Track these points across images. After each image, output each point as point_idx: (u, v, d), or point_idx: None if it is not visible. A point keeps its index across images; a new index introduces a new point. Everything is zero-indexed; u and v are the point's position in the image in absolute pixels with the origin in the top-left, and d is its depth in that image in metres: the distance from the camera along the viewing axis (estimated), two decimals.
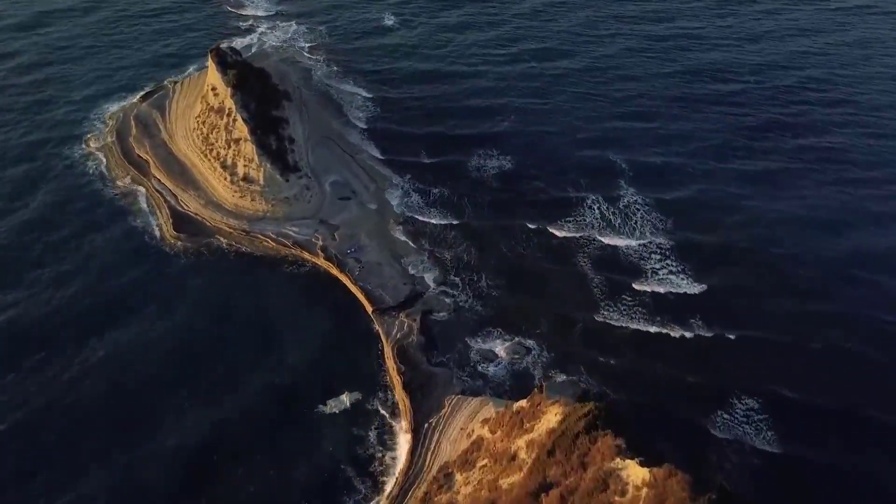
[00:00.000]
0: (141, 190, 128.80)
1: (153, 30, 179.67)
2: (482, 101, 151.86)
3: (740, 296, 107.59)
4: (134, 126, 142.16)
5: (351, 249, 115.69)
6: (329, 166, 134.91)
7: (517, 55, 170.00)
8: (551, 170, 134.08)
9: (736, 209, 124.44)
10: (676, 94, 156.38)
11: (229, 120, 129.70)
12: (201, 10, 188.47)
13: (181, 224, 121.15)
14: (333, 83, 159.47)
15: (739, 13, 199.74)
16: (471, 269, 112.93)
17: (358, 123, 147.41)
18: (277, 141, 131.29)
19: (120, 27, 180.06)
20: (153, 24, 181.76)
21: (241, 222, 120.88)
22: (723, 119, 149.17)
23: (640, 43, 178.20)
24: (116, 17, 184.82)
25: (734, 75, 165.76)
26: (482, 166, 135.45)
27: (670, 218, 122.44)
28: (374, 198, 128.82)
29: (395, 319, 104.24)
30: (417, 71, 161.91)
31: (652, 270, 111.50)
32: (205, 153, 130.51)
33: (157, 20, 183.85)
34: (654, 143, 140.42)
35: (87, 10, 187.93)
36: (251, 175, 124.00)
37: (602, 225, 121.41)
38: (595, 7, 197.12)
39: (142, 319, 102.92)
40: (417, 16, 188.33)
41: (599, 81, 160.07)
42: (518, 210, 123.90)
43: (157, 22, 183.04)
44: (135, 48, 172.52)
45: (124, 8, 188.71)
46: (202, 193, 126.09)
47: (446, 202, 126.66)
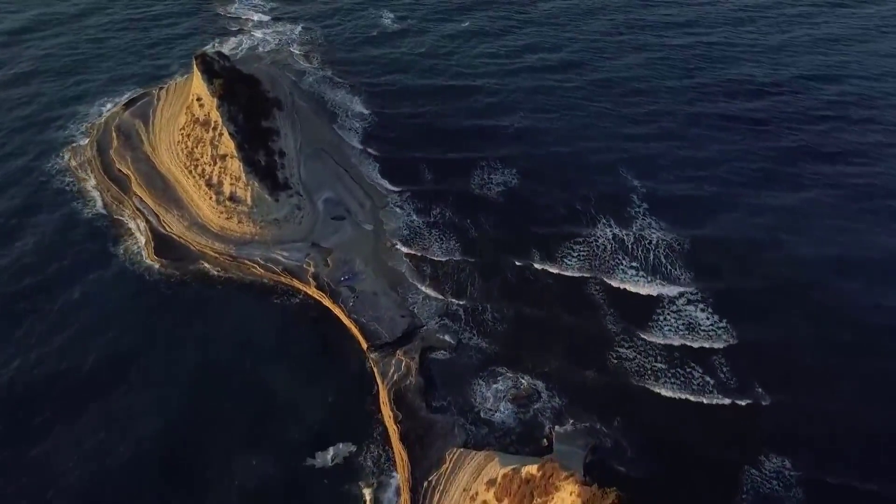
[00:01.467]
0: (121, 210, 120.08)
1: (140, 31, 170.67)
2: (487, 111, 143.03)
3: (770, 351, 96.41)
4: (115, 137, 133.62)
5: (344, 277, 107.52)
6: (322, 182, 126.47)
7: (525, 64, 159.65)
8: (560, 186, 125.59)
9: (762, 245, 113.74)
10: (695, 111, 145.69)
11: (215, 134, 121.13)
12: (191, 9, 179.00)
13: (163, 248, 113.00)
14: (328, 89, 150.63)
15: (762, 20, 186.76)
16: (474, 300, 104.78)
17: (354, 133, 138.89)
18: (267, 156, 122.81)
19: (105, 28, 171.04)
20: (140, 25, 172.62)
21: (227, 246, 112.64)
22: (746, 139, 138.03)
23: (655, 53, 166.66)
24: (102, 17, 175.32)
25: (759, 89, 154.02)
26: (486, 182, 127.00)
27: (688, 250, 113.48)
28: (369, 217, 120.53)
29: (391, 358, 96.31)
30: (418, 77, 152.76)
31: (669, 313, 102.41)
32: (189, 169, 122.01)
33: (144, 20, 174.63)
34: (669, 165, 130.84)
35: (72, 10, 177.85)
36: (238, 195, 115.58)
37: (615, 254, 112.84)
38: (609, 14, 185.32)
39: (117, 357, 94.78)
40: (420, 18, 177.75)
41: (612, 95, 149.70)
42: (525, 233, 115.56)
43: (144, 22, 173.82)
44: (120, 50, 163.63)
45: (110, 7, 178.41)
46: (186, 214, 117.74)
47: (447, 223, 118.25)
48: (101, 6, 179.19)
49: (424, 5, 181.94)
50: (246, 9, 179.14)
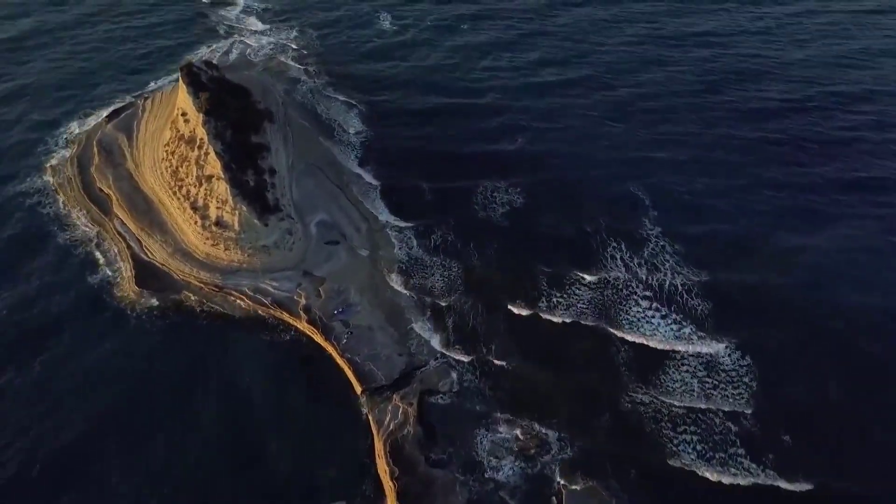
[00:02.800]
0: (101, 234, 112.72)
1: (127, 35, 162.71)
2: (491, 126, 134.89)
3: (800, 415, 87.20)
4: (96, 153, 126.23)
5: (338, 310, 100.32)
6: (315, 202, 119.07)
7: (528, 69, 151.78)
8: (567, 207, 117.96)
9: (791, 286, 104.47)
10: (705, 117, 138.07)
11: (200, 153, 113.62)
12: (181, 12, 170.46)
13: (145, 277, 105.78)
14: (323, 99, 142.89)
15: (770, 16, 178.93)
16: (477, 336, 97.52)
17: (350, 148, 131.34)
18: (256, 175, 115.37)
19: (90, 32, 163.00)
20: (127, 29, 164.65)
21: (213, 275, 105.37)
22: (759, 146, 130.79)
23: (662, 52, 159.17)
24: (86, 20, 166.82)
25: (768, 91, 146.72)
26: (490, 201, 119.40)
27: (704, 271, 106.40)
28: (366, 241, 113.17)
29: (388, 403, 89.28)
30: (419, 87, 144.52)
31: (685, 368, 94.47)
32: (174, 190, 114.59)
33: (132, 24, 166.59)
34: (679, 175, 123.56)
35: (56, 13, 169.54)
36: (225, 219, 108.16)
37: (627, 281, 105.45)
38: (625, 26, 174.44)
39: (94, 401, 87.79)
40: (422, 25, 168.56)
41: (618, 100, 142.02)
42: (531, 260, 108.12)
43: (131, 26, 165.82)
44: (105, 56, 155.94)
45: (95, 11, 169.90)
46: (170, 239, 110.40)
47: (449, 248, 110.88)
48: (88, 11, 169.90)
49: (428, 11, 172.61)
50: (239, 13, 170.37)
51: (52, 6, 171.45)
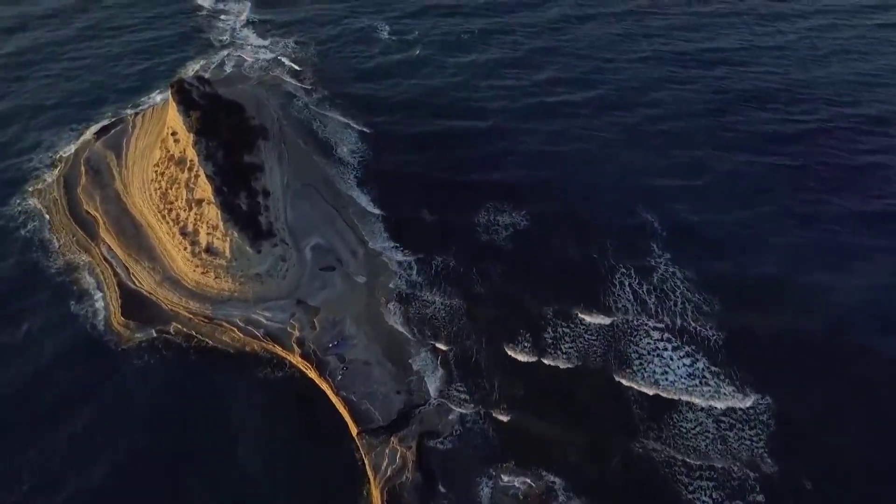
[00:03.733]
0: (87, 260, 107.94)
1: (118, 46, 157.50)
2: (493, 141, 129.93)
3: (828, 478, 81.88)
4: (84, 173, 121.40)
5: (333, 343, 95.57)
6: (310, 225, 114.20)
7: (534, 86, 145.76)
8: (573, 231, 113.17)
9: (807, 296, 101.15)
10: (718, 139, 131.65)
11: (191, 175, 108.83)
12: (175, 22, 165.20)
13: (132, 307, 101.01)
14: (320, 114, 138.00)
15: (788, 30, 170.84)
16: (480, 373, 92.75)
17: (348, 167, 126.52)
18: (249, 197, 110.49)
19: (81, 43, 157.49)
20: (119, 40, 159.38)
21: (203, 305, 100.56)
22: (778, 170, 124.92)
23: (675, 70, 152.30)
24: (78, 31, 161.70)
25: (786, 112, 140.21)
26: (493, 225, 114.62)
27: (716, 298, 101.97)
28: (363, 267, 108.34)
29: (385, 447, 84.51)
30: (419, 103, 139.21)
31: (704, 391, 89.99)
32: (163, 214, 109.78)
33: (123, 35, 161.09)
34: (692, 201, 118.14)
35: (45, 24, 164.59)
36: (215, 246, 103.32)
37: (636, 310, 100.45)
38: (623, 29, 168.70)
39: (76, 444, 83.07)
40: (423, 35, 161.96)
41: (628, 121, 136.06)
42: (537, 288, 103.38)
43: (123, 37, 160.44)
44: (96, 68, 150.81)
45: (87, 21, 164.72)
46: (158, 266, 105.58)
47: (450, 275, 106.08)
48: (77, 20, 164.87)
49: (431, 26, 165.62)
50: (236, 24, 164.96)
51: (47, 19, 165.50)
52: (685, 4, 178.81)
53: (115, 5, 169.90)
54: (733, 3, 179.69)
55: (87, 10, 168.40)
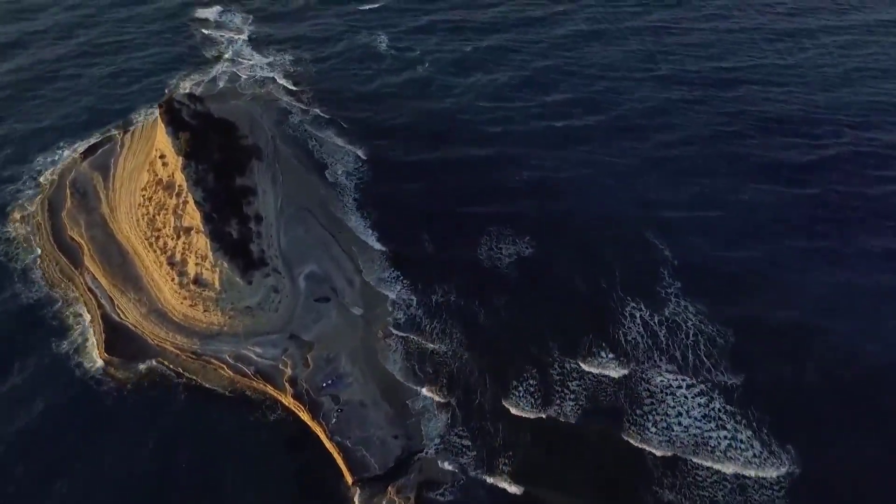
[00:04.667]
0: (71, 290, 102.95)
1: (109, 60, 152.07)
2: (496, 164, 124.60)
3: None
4: (69, 195, 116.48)
5: (327, 382, 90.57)
6: (304, 252, 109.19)
7: (539, 106, 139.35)
8: (580, 259, 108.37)
9: (836, 346, 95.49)
10: (731, 165, 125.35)
11: (179, 201, 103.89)
12: (167, 36, 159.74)
13: (116, 342, 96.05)
14: (316, 132, 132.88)
15: (807, 48, 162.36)
16: (484, 415, 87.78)
17: (344, 189, 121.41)
18: (240, 224, 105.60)
19: (71, 58, 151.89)
20: (110, 54, 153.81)
21: (191, 340, 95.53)
22: (797, 200, 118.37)
23: (688, 91, 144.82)
24: (67, 44, 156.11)
25: (807, 136, 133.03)
26: (496, 252, 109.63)
27: (730, 332, 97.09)
28: (359, 297, 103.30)
29: (383, 497, 79.47)
30: (420, 121, 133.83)
31: (720, 437, 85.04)
32: (150, 241, 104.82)
33: (117, 49, 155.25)
34: (705, 231, 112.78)
35: (34, 36, 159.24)
36: (204, 277, 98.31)
37: (647, 345, 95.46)
38: (636, 43, 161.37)
39: (48, 498, 77.90)
40: (424, 51, 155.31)
41: (638, 144, 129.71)
42: (543, 322, 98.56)
43: (114, 51, 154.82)
44: (86, 83, 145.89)
45: (77, 34, 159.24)
46: (144, 297, 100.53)
47: (451, 306, 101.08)
48: (68, 32, 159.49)
49: (432, 38, 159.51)
50: (231, 37, 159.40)
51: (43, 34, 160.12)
52: (700, 20, 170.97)
53: (109, 20, 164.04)
54: (748, 18, 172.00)
55: (84, 24, 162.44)
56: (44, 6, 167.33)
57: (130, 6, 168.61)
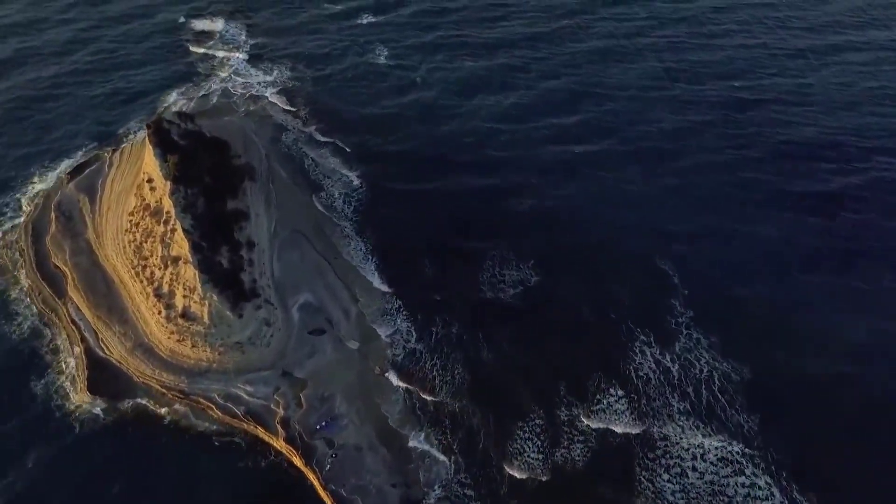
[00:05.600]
0: (53, 321, 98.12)
1: (101, 75, 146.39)
2: (499, 187, 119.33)
3: None
4: (54, 219, 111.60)
5: (321, 424, 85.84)
6: (299, 279, 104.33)
7: (545, 127, 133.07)
8: (587, 286, 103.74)
9: (845, 361, 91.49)
10: (740, 181, 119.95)
11: (167, 229, 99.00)
12: (160, 50, 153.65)
13: (99, 379, 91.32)
14: (313, 150, 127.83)
15: (826, 65, 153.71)
16: (488, 460, 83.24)
17: (341, 213, 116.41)
18: (231, 251, 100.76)
19: (61, 74, 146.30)
20: (100, 69, 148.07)
21: (178, 378, 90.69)
22: (817, 229, 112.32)
23: (702, 115, 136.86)
24: (56, 59, 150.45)
25: (831, 161, 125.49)
26: (499, 280, 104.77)
27: (746, 367, 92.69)
28: (355, 330, 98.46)
29: None
30: (420, 139, 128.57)
31: (738, 494, 79.97)
32: (136, 271, 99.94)
33: (106, 63, 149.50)
34: (711, 249, 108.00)
35: (23, 52, 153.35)
36: (193, 311, 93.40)
37: (660, 386, 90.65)
38: (645, 59, 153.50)
39: None
40: (427, 68, 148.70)
41: (647, 170, 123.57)
42: (549, 357, 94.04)
43: (106, 65, 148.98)
44: (75, 98, 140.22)
45: (67, 48, 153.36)
46: (130, 331, 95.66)
47: (453, 340, 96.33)
48: (59, 47, 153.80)
49: (435, 56, 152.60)
50: (225, 49, 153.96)
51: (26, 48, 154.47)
52: (713, 36, 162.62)
53: (103, 33, 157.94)
54: (764, 34, 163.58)
55: (76, 39, 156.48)
56: (34, 22, 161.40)
57: (123, 19, 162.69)
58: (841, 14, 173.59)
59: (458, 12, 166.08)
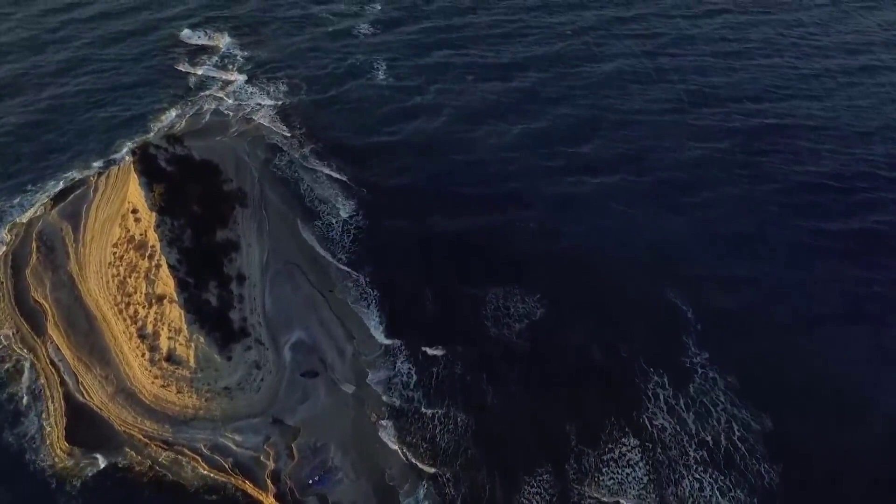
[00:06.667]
0: (32, 362, 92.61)
1: (84, 92, 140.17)
2: (504, 214, 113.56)
3: None
4: (35, 249, 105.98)
5: (314, 479, 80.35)
6: (292, 315, 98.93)
7: (548, 146, 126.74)
8: (596, 322, 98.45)
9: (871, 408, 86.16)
10: (772, 226, 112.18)
11: (151, 264, 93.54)
12: (151, 66, 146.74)
13: (78, 428, 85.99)
14: (308, 174, 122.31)
15: (857, 86, 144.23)
16: None
17: (337, 243, 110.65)
18: (220, 287, 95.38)
19: (42, 89, 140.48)
20: (88, 84, 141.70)
21: (161, 426, 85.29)
22: (837, 266, 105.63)
23: (720, 139, 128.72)
24: (45, 80, 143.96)
25: (854, 191, 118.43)
26: (504, 315, 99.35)
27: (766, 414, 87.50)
28: (350, 371, 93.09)
29: None
30: (421, 163, 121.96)
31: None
32: (120, 308, 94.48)
33: (94, 78, 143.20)
34: (733, 292, 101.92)
35: (9, 72, 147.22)
36: (178, 354, 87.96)
37: (676, 435, 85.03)
38: (667, 83, 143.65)
39: None
40: (429, 81, 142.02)
41: (653, 186, 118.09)
42: (558, 402, 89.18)
43: (94, 80, 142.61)
44: (60, 118, 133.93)
45: (56, 68, 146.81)
46: (113, 374, 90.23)
47: (456, 382, 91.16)
48: (50, 66, 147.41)
49: (437, 70, 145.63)
50: (220, 65, 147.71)
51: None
52: (735, 55, 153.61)
53: (93, 55, 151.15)
54: (787, 54, 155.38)
55: (69, 59, 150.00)
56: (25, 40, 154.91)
57: (115, 37, 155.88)
58: (870, 31, 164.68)
59: (465, 29, 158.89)
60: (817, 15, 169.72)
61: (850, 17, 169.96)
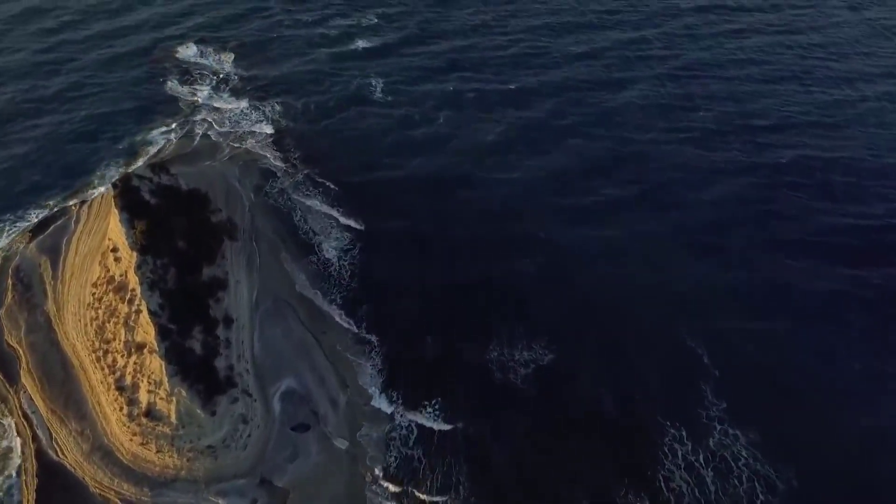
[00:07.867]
0: (2, 414, 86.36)
1: (71, 112, 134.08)
2: (510, 250, 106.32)
3: None
4: (10, 288, 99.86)
5: None
6: (282, 361, 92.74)
7: (557, 175, 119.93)
8: (608, 368, 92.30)
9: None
10: (788, 256, 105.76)
11: (131, 310, 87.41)
12: (137, 83, 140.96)
13: (51, 490, 79.67)
14: (303, 202, 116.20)
15: (867, 96, 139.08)
16: None
17: (331, 277, 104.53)
18: (204, 332, 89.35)
19: (25, 111, 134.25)
20: (71, 104, 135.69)
21: (139, 489, 79.03)
22: (858, 295, 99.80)
23: (740, 155, 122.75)
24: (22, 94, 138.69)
25: (873, 205, 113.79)
26: (509, 362, 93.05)
27: (790, 469, 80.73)
28: (344, 424, 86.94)
29: None
30: (422, 192, 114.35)
31: None
32: (98, 356, 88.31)
33: (77, 98, 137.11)
34: (752, 334, 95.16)
35: None
36: (158, 409, 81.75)
37: (695, 499, 78.24)
38: (671, 97, 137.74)
39: None
40: (436, 108, 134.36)
41: (670, 223, 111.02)
42: (569, 463, 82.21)
43: (77, 100, 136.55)
44: (40, 140, 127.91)
45: (34, 82, 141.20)
46: (89, 429, 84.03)
47: (458, 439, 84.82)
48: (25, 83, 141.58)
49: (440, 96, 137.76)
50: (212, 85, 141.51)
51: None
52: (756, 64, 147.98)
53: (75, 70, 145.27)
54: (798, 63, 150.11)
55: (46, 73, 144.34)
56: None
57: (97, 48, 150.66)
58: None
59: (470, 51, 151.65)
60: (854, 36, 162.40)
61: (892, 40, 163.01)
